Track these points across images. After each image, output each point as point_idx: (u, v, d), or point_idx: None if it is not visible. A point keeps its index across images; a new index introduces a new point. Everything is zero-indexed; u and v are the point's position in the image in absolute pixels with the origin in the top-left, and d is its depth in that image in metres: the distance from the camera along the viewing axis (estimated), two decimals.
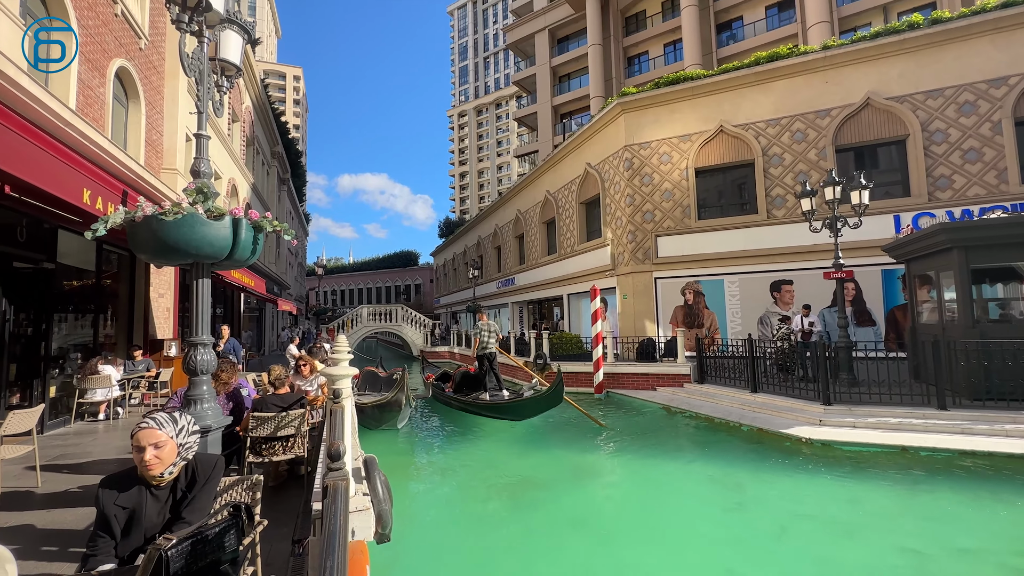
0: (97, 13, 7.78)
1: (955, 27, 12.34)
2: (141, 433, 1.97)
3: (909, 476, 6.45)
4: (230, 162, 16.19)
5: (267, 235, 3.56)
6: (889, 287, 12.80)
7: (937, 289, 9.07)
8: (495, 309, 30.18)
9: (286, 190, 30.55)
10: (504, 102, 77.36)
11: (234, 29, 3.98)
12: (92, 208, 5.39)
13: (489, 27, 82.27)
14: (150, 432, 1.97)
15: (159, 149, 10.49)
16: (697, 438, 9.11)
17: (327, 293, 64.11)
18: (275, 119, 25.78)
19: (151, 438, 1.96)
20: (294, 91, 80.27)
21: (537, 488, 6.97)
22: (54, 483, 4.40)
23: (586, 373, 13.45)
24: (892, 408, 8.04)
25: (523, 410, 10.31)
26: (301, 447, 4.44)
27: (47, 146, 4.98)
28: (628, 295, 15.61)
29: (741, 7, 26.09)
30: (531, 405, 10.21)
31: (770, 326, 13.38)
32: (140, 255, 3.39)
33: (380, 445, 9.11)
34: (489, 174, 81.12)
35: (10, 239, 6.05)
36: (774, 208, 14.09)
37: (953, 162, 12.45)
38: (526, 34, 35.00)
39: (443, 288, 45.15)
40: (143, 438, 1.96)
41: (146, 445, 1.95)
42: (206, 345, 3.37)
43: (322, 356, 7.53)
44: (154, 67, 10.29)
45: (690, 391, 11.67)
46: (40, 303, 6.63)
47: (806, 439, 7.80)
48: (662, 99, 15.38)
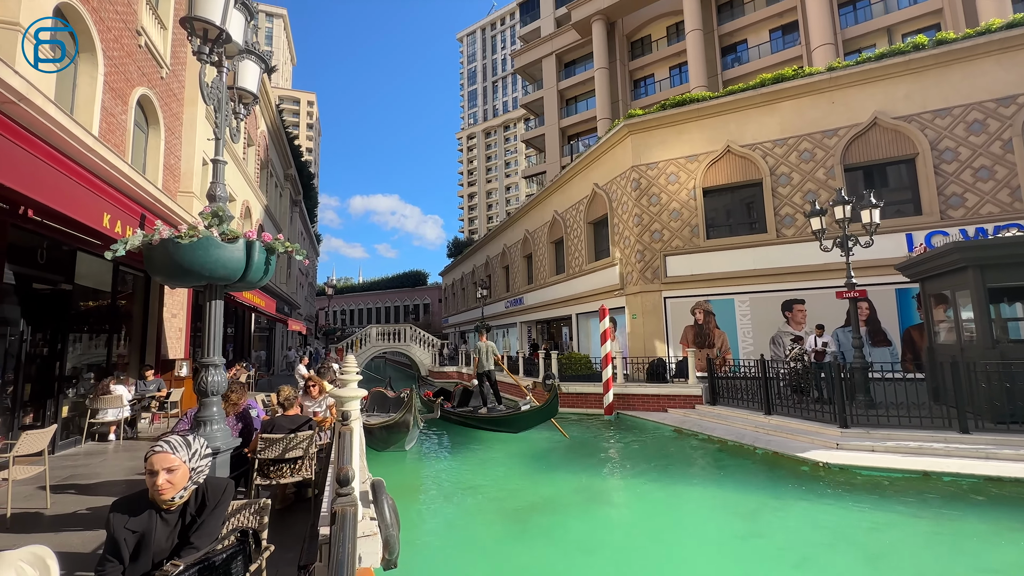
0: (122, 45, 8.12)
1: (960, 48, 12.41)
2: (155, 457, 1.96)
3: (933, 503, 6.22)
4: (244, 185, 16.56)
5: (279, 256, 3.62)
6: (904, 306, 12.59)
7: (954, 309, 8.90)
8: (503, 328, 30.11)
9: (298, 211, 31.10)
10: (512, 124, 78.69)
11: (252, 59, 4.13)
12: (111, 231, 5.52)
13: (497, 52, 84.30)
14: (163, 456, 1.96)
15: (176, 172, 10.77)
16: (710, 461, 8.91)
17: (336, 313, 64.56)
18: (289, 143, 26.44)
19: (164, 462, 1.95)
20: (307, 115, 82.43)
21: (546, 512, 6.83)
22: (63, 505, 4.39)
23: (596, 394, 13.29)
24: (912, 431, 7.82)
25: (519, 423, 11.38)
26: (309, 469, 4.41)
27: (70, 172, 5.14)
28: (637, 315, 15.51)
29: (745, 31, 26.51)
30: (527, 418, 11.31)
31: (783, 346, 13.18)
32: (156, 277, 3.46)
33: (387, 467, 9.02)
34: (497, 195, 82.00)
35: (31, 261, 6.20)
36: (783, 227, 14.03)
37: (964, 180, 12.37)
38: (534, 59, 35.81)
39: (452, 308, 45.26)
40: (157, 462, 1.95)
41: (159, 469, 1.94)
42: (217, 366, 3.40)
43: (331, 376, 7.53)
44: (174, 94, 10.64)
45: (702, 413, 11.46)
46: (57, 323, 6.74)
47: (823, 463, 7.59)
48: (668, 120, 15.55)
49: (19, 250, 5.86)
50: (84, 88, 7.28)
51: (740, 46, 27.04)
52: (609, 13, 29.25)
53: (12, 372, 5.93)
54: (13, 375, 5.95)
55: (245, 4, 3.69)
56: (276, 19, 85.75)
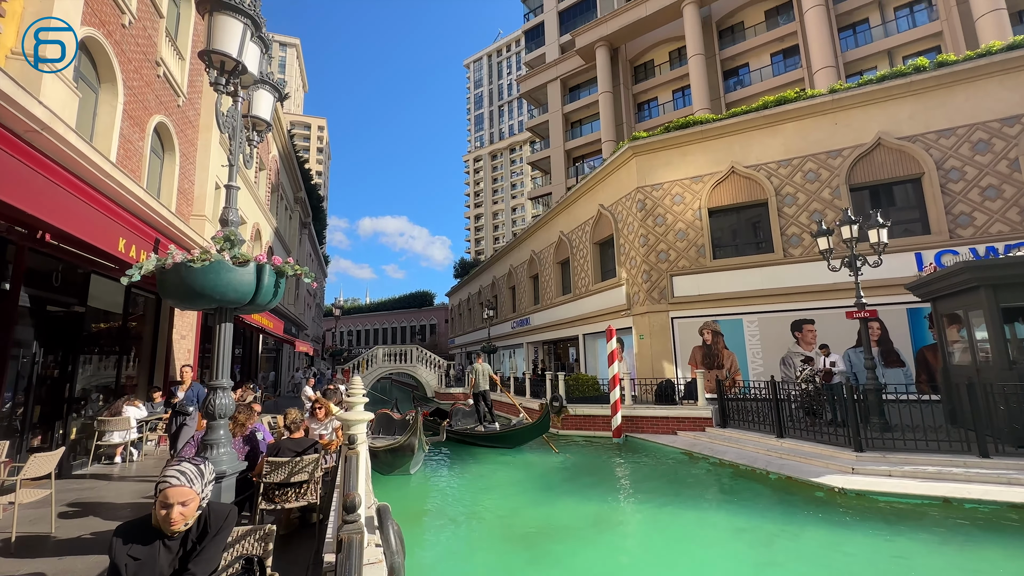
0: (142, 75, 8.42)
1: (962, 69, 12.53)
2: (171, 491, 1.90)
3: (955, 530, 6.01)
4: (255, 208, 16.86)
5: (287, 278, 3.67)
6: (916, 326, 12.41)
7: (967, 329, 8.76)
8: (510, 349, 29.97)
9: (307, 233, 31.53)
10: (518, 147, 79.96)
11: (266, 88, 4.26)
12: (126, 255, 5.62)
13: (503, 78, 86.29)
14: (179, 490, 1.90)
15: (189, 197, 11.01)
16: (722, 486, 8.70)
17: (343, 334, 64.67)
18: (299, 167, 27.00)
19: (180, 496, 1.90)
20: (318, 140, 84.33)
21: (554, 539, 6.67)
22: (68, 529, 4.37)
23: (603, 416, 13.12)
24: (929, 455, 7.61)
25: (513, 439, 12.18)
26: (314, 494, 4.36)
27: (88, 198, 5.27)
28: (645, 335, 15.40)
29: (746, 55, 26.99)
30: (520, 434, 12.14)
31: (793, 367, 12.99)
32: (168, 300, 3.51)
33: (392, 491, 8.89)
34: (504, 216, 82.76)
35: (46, 284, 6.32)
36: (790, 247, 14.00)
37: (972, 199, 12.33)
38: (539, 84, 36.58)
39: (458, 328, 45.20)
40: (173, 496, 1.89)
41: (174, 503, 1.89)
42: (225, 389, 3.41)
43: (336, 398, 7.51)
44: (189, 121, 10.96)
45: (712, 436, 11.25)
46: (68, 345, 6.82)
47: (839, 488, 7.39)
48: (672, 142, 15.72)
49: (35, 273, 5.98)
50: (104, 116, 7.53)
51: (742, 69, 27.49)
52: (612, 40, 29.96)
53: (23, 393, 5.98)
54: (24, 396, 5.99)
55: (261, 37, 3.84)
56: (289, 48, 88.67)
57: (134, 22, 7.99)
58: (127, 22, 7.78)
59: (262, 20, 3.78)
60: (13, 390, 5.76)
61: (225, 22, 3.53)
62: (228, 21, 3.54)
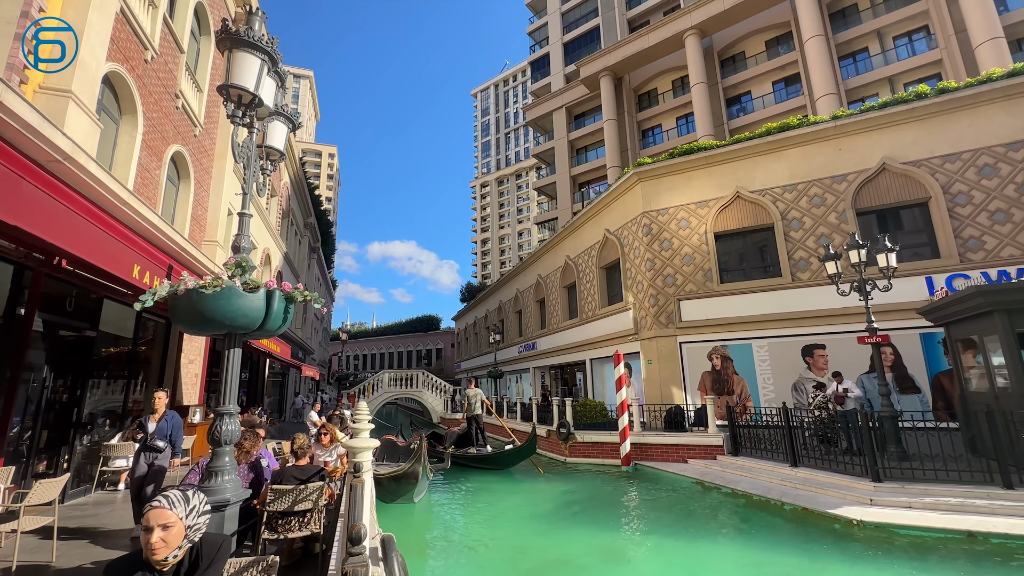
0: (161, 107, 8.73)
1: (964, 96, 12.66)
2: (151, 512, 1.89)
3: (984, 567, 5.75)
4: (266, 234, 17.15)
5: (296, 303, 3.70)
6: (930, 351, 12.18)
7: (983, 354, 8.59)
8: (517, 374, 29.72)
9: (316, 258, 31.90)
10: (524, 173, 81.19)
11: (280, 120, 4.40)
12: (140, 282, 5.71)
13: (510, 106, 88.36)
14: (160, 512, 1.88)
15: (202, 223, 11.23)
16: (736, 518, 8.43)
17: (350, 358, 64.56)
18: (310, 193, 27.55)
19: (160, 518, 1.88)
20: (328, 167, 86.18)
21: (562, 572, 6.46)
22: (68, 557, 4.31)
23: (612, 443, 12.87)
24: (950, 487, 7.35)
25: (502, 461, 12.94)
26: (317, 523, 4.28)
27: (106, 226, 5.40)
28: (653, 360, 15.23)
29: (748, 83, 27.49)
30: (508, 457, 12.94)
31: (805, 393, 12.74)
32: (178, 325, 3.54)
33: (396, 521, 8.70)
34: (510, 240, 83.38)
35: (60, 309, 6.41)
36: (798, 271, 13.93)
37: (981, 223, 12.26)
38: (544, 112, 37.39)
39: (464, 353, 45.01)
40: (152, 517, 1.87)
41: (154, 525, 1.86)
42: (232, 415, 3.40)
43: (341, 425, 7.45)
44: (205, 150, 11.29)
45: (724, 464, 10.97)
46: (79, 370, 6.86)
47: (857, 521, 7.13)
48: (677, 168, 15.90)
49: (49, 298, 6.08)
50: (124, 146, 7.78)
51: (744, 97, 27.96)
52: (616, 69, 30.72)
53: (31, 418, 5.99)
54: (32, 421, 6.01)
55: (277, 72, 3.99)
56: (303, 80, 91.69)
57: (156, 57, 8.34)
58: (149, 57, 8.12)
59: (278, 56, 3.94)
60: (22, 414, 5.78)
61: (243, 58, 3.68)
62: (246, 57, 3.69)
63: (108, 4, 6.56)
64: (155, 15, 8.29)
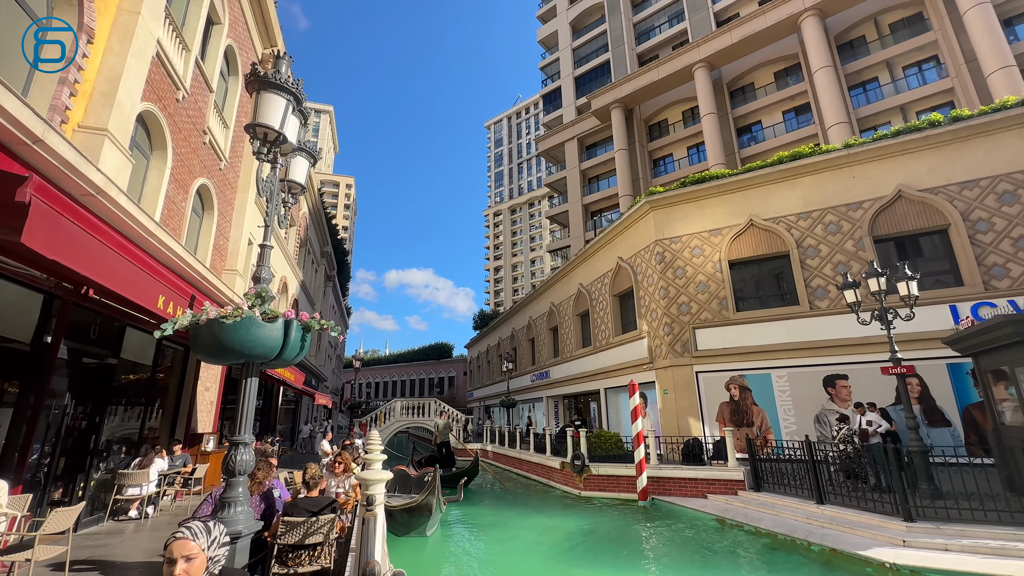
0: (190, 143, 9.14)
1: (978, 123, 12.62)
2: (175, 544, 1.87)
3: None
4: (284, 262, 17.52)
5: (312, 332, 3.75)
6: (959, 382, 11.74)
7: (1016, 386, 8.24)
8: (530, 403, 29.31)
9: (331, 286, 32.36)
10: (537, 202, 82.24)
11: (302, 155, 4.57)
12: (164, 312, 5.85)
13: (523, 137, 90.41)
14: (184, 544, 1.87)
15: (224, 252, 11.54)
16: (761, 559, 8.03)
17: (362, 386, 64.52)
18: (327, 222, 28.19)
19: (184, 550, 1.86)
20: (345, 197, 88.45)
21: None
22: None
23: (628, 477, 12.48)
24: (990, 528, 6.94)
25: (452, 481, 13.19)
26: (328, 557, 4.21)
27: (133, 257, 5.58)
28: (669, 390, 14.92)
29: (758, 113, 27.80)
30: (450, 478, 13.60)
31: (828, 425, 12.31)
32: (197, 354, 3.60)
33: (408, 556, 8.49)
34: (523, 268, 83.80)
35: (84, 337, 6.58)
36: (816, 299, 13.69)
37: (1004, 250, 12.00)
38: (557, 143, 38.14)
39: (476, 381, 44.66)
40: (176, 549, 1.86)
41: (178, 557, 1.85)
42: (247, 445, 3.41)
43: (354, 454, 7.39)
44: (229, 183, 11.70)
45: (745, 500, 10.54)
46: (99, 397, 6.96)
47: (890, 564, 6.75)
48: (689, 196, 15.96)
49: (75, 326, 6.24)
50: (153, 180, 8.13)
51: (755, 126, 28.21)
52: (627, 101, 31.37)
53: (51, 445, 6.07)
54: (51, 447, 6.08)
55: (301, 111, 4.17)
56: (323, 114, 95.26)
57: (187, 96, 8.79)
58: (181, 96, 8.56)
59: (303, 96, 4.13)
60: (42, 441, 5.86)
61: (270, 99, 3.87)
62: (273, 98, 3.88)
63: (146, 50, 6.99)
64: (188, 57, 8.79)
